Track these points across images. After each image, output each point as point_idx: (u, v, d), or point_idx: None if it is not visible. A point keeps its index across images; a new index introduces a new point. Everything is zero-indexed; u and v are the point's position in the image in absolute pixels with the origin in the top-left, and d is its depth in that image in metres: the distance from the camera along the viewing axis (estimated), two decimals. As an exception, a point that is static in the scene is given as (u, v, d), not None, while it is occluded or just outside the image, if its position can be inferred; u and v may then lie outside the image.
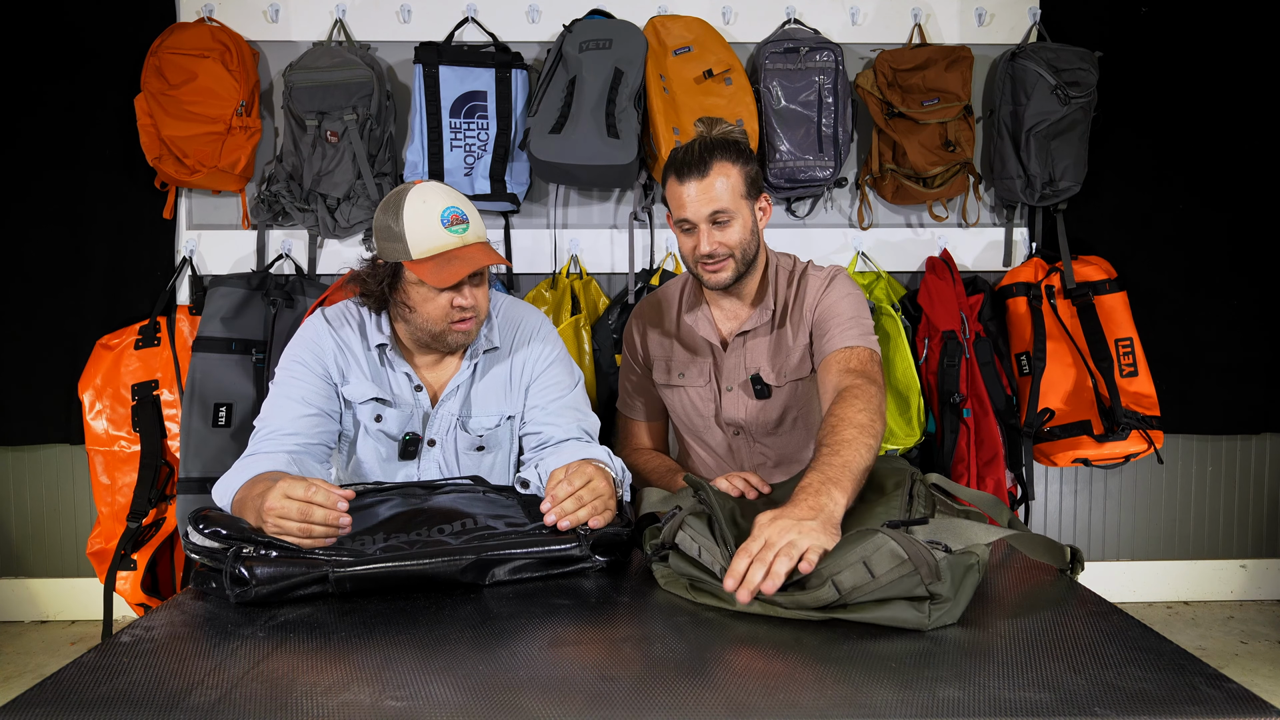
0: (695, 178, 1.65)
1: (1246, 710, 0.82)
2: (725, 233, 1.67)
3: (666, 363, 1.88)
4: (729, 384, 1.81)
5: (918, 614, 1.00)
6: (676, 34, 2.66)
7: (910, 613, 1.00)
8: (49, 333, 2.74)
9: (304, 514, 1.19)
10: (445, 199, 1.56)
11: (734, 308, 1.81)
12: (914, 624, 1.00)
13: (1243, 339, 2.91)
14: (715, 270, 1.70)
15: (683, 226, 1.70)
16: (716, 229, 1.67)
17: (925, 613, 1.00)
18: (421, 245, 1.53)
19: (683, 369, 1.86)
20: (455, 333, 1.60)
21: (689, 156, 1.66)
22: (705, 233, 1.67)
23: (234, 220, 2.79)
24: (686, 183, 1.66)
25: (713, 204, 1.65)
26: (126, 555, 2.50)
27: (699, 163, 1.65)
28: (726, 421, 1.83)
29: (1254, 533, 3.05)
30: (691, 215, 1.67)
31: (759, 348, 1.80)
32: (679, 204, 1.68)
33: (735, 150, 1.68)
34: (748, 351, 1.80)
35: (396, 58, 2.79)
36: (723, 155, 1.66)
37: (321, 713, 0.84)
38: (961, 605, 1.04)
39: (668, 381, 1.88)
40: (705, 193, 1.65)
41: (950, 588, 1.01)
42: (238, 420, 2.46)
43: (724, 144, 1.68)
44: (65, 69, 2.72)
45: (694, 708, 0.84)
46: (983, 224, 2.89)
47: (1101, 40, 2.78)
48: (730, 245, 1.68)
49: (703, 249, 1.67)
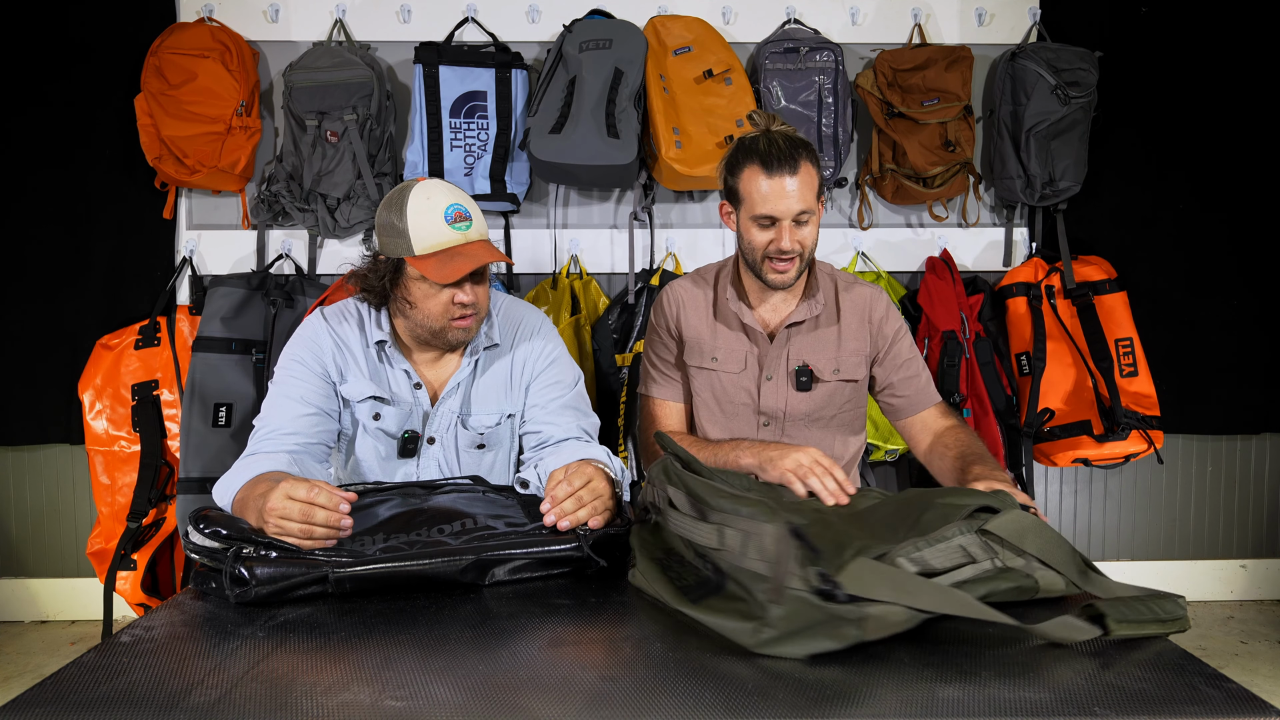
0: (787, 173, 1.63)
1: (1246, 710, 0.82)
2: (803, 231, 1.68)
3: (700, 345, 1.84)
4: (770, 373, 1.80)
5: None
6: (676, 34, 2.66)
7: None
8: (49, 333, 2.74)
9: (306, 515, 1.19)
10: (449, 196, 1.56)
11: (776, 300, 1.81)
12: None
13: (1243, 339, 2.91)
14: (785, 269, 1.69)
15: (761, 222, 1.67)
16: (798, 228, 1.67)
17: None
18: (425, 241, 1.53)
19: (716, 353, 1.83)
20: (455, 329, 1.60)
21: (776, 150, 1.63)
22: (788, 230, 1.66)
23: (234, 220, 2.79)
24: (777, 177, 1.63)
25: (801, 202, 1.64)
26: (126, 555, 2.50)
27: (789, 159, 1.63)
28: (762, 410, 1.82)
29: (1254, 533, 3.05)
30: (780, 211, 1.65)
31: (805, 341, 1.80)
32: (762, 197, 1.65)
33: (813, 151, 1.68)
34: (794, 344, 1.80)
35: (396, 58, 2.79)
36: (807, 154, 1.65)
37: (321, 713, 0.84)
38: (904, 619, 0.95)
39: (700, 363, 1.84)
40: (795, 190, 1.63)
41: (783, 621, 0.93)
42: (238, 420, 2.46)
43: (806, 143, 1.68)
44: (65, 69, 2.72)
45: (694, 708, 0.84)
46: (983, 224, 2.89)
47: (1101, 40, 2.78)
48: (806, 245, 1.69)
49: (784, 245, 1.66)
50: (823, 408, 1.81)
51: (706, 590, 1.07)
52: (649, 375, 1.92)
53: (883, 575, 0.96)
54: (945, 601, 0.94)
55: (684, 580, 1.12)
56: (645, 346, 1.95)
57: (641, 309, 2.66)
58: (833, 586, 0.94)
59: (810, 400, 1.80)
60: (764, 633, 0.94)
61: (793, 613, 0.94)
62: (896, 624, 0.93)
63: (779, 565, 0.96)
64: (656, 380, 1.90)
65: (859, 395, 1.85)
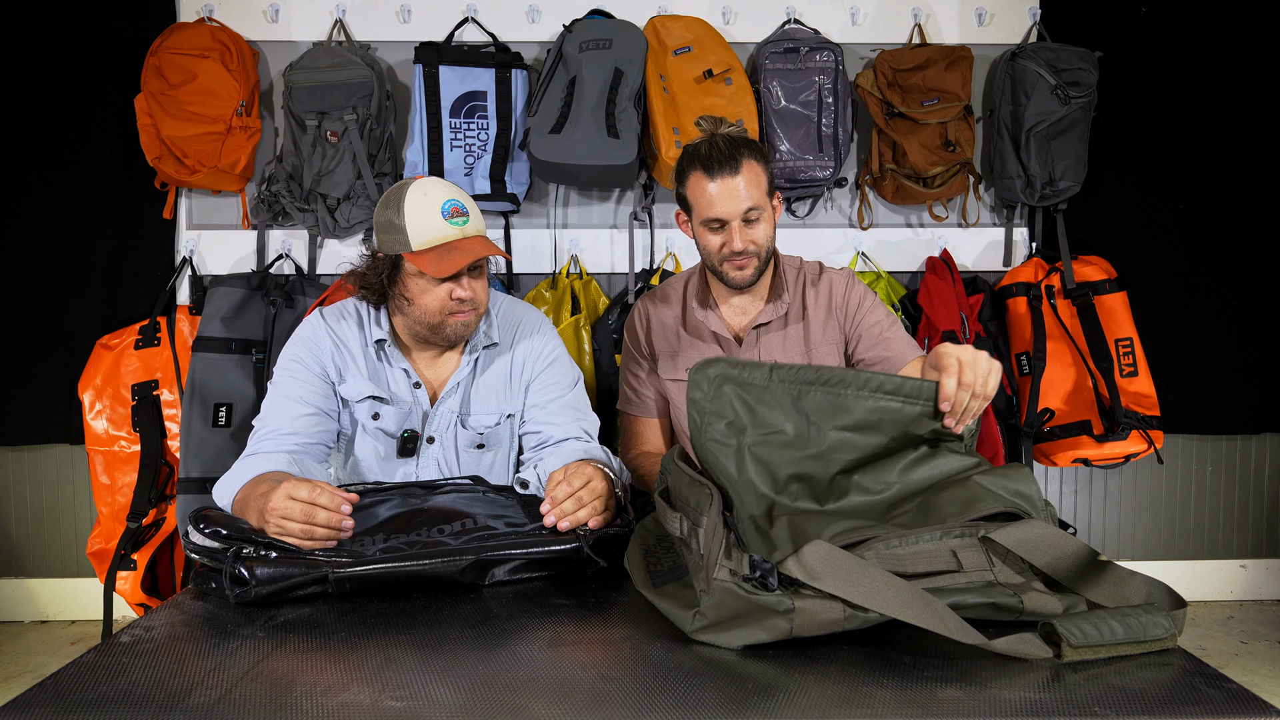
0: (728, 174, 1.64)
1: (1246, 710, 0.82)
2: (755, 230, 1.69)
3: (673, 357, 1.87)
4: None
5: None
6: (676, 34, 2.66)
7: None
8: (49, 333, 2.74)
9: (307, 515, 1.19)
10: (446, 192, 1.57)
11: (743, 304, 1.82)
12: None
13: (1243, 339, 2.91)
14: (742, 267, 1.70)
15: (711, 225, 1.69)
16: (748, 227, 1.68)
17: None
18: (421, 237, 1.54)
19: (689, 363, 1.84)
20: (453, 324, 1.60)
21: (717, 153, 1.65)
22: (738, 230, 1.67)
23: (234, 220, 2.79)
24: (718, 179, 1.65)
25: (746, 201, 1.65)
26: (126, 555, 2.50)
27: (729, 159, 1.64)
28: None
29: (1254, 533, 3.05)
30: (725, 213, 1.66)
31: (775, 341, 1.80)
32: (708, 201, 1.67)
33: (757, 148, 1.70)
34: (763, 345, 1.81)
35: (396, 58, 2.79)
36: (749, 153, 1.66)
37: (321, 713, 0.84)
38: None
39: (673, 375, 1.87)
40: (738, 190, 1.64)
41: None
42: (238, 420, 2.46)
43: (748, 142, 1.68)
44: (65, 69, 2.72)
45: (694, 708, 0.84)
46: (983, 224, 2.89)
47: (1101, 40, 2.78)
48: (759, 243, 1.69)
49: (735, 246, 1.67)
50: None
51: (671, 577, 1.09)
52: (625, 393, 1.95)
53: (836, 563, 0.94)
54: (899, 605, 0.92)
55: (659, 566, 1.14)
56: (621, 364, 1.98)
57: (641, 309, 2.66)
58: (765, 575, 0.94)
59: None
60: (697, 620, 0.98)
61: (720, 602, 0.95)
62: (830, 623, 0.93)
63: (709, 554, 0.97)
64: (633, 399, 1.93)
65: None
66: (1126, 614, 0.94)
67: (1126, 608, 0.96)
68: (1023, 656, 0.91)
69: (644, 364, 1.91)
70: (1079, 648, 0.90)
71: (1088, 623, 0.92)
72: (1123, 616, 0.93)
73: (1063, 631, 0.90)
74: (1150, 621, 0.93)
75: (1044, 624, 0.93)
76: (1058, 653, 0.91)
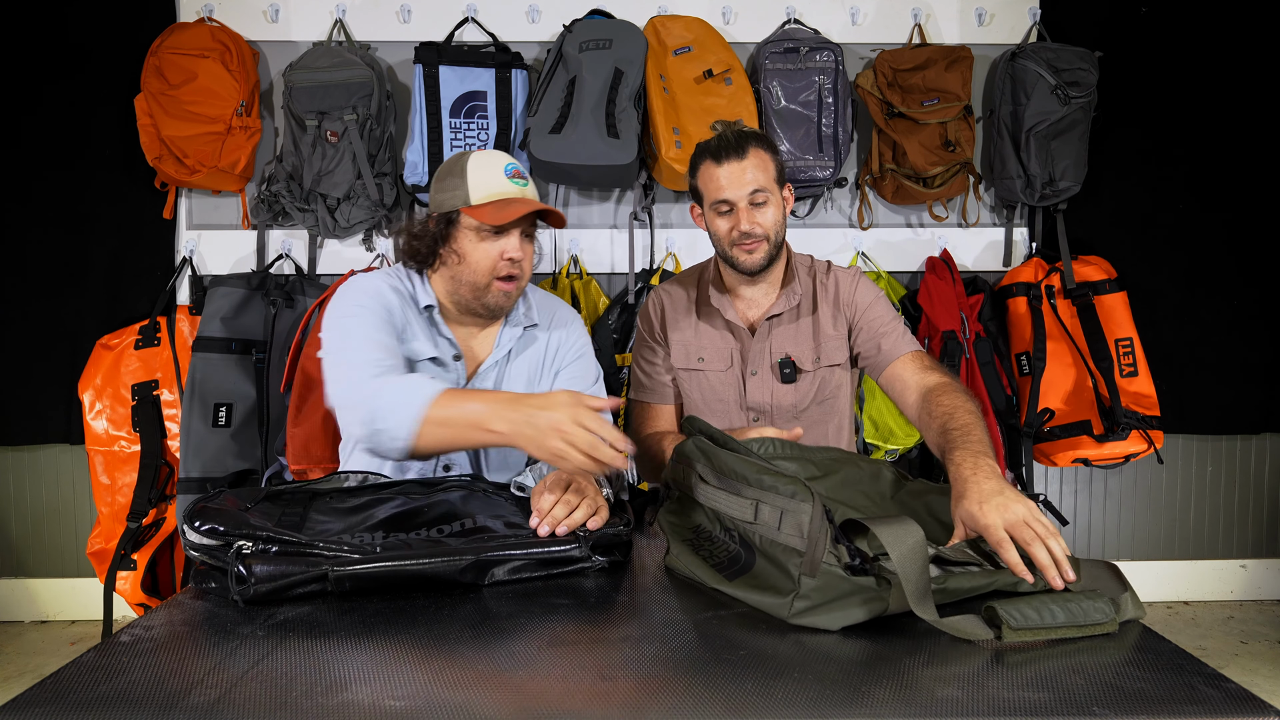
0: (734, 159, 1.72)
1: (1246, 710, 0.82)
2: (762, 213, 1.73)
3: (685, 346, 1.88)
4: (754, 368, 1.83)
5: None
6: (676, 34, 2.66)
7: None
8: (49, 333, 2.74)
9: (592, 446, 1.26)
10: (507, 158, 1.64)
11: (756, 296, 1.85)
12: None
13: (1243, 339, 2.91)
14: (751, 250, 1.74)
15: (720, 209, 1.75)
16: (755, 209, 1.73)
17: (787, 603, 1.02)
18: (481, 190, 1.57)
19: (702, 352, 1.87)
20: (498, 291, 1.60)
21: (725, 143, 1.73)
22: (745, 212, 1.72)
23: (234, 220, 2.79)
24: (725, 164, 1.72)
25: (752, 183, 1.71)
26: (126, 555, 2.50)
27: (736, 146, 1.72)
28: (749, 405, 1.85)
29: (1254, 533, 3.05)
30: (731, 195, 1.72)
31: (787, 333, 1.83)
32: (716, 186, 1.73)
33: (766, 140, 1.78)
34: (775, 336, 1.83)
35: (396, 58, 2.79)
36: (757, 142, 1.74)
37: (321, 713, 0.84)
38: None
39: (687, 365, 1.88)
40: (744, 173, 1.71)
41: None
42: (238, 420, 2.46)
43: (757, 134, 1.77)
44: (65, 69, 2.72)
45: (694, 708, 0.84)
46: (983, 224, 2.89)
47: (1101, 40, 2.78)
48: (766, 227, 1.74)
49: (742, 227, 1.72)
50: (809, 399, 1.83)
51: (739, 568, 1.12)
52: (638, 381, 1.96)
53: (899, 538, 0.99)
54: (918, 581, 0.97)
55: (716, 558, 1.17)
56: (634, 353, 1.99)
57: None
58: (860, 560, 1.00)
59: (795, 392, 1.83)
60: (798, 604, 1.01)
61: (825, 584, 1.00)
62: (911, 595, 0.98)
63: (815, 542, 1.00)
64: (645, 385, 1.94)
65: (844, 382, 1.86)
66: (1069, 599, 0.98)
67: (1069, 592, 1.02)
68: (966, 636, 0.96)
69: (658, 350, 1.92)
70: (1019, 630, 0.94)
71: (1029, 606, 0.96)
72: (1064, 601, 0.97)
73: (1004, 614, 0.95)
74: (1091, 607, 0.97)
75: (987, 606, 0.97)
76: (998, 634, 0.95)
